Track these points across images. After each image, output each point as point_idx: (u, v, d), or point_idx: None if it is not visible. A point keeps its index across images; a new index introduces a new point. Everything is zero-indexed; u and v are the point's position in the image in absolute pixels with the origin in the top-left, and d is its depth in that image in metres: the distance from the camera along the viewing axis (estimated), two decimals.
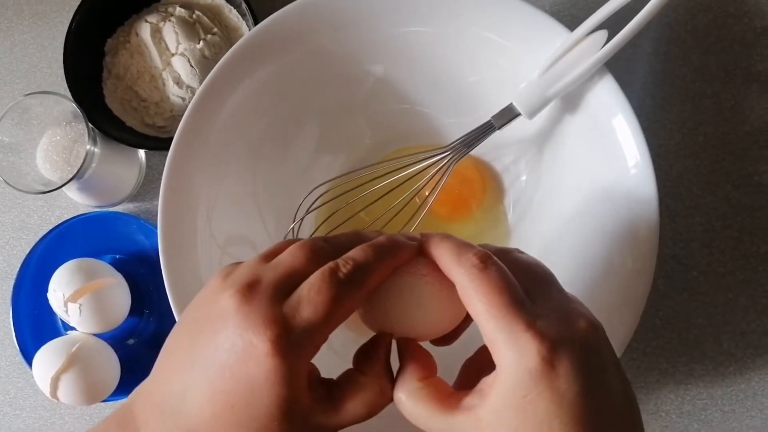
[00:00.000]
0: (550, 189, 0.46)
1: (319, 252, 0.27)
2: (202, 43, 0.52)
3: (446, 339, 0.30)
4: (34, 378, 0.49)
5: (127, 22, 0.54)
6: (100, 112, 0.53)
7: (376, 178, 0.43)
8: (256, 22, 0.50)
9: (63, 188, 0.49)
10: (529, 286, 0.26)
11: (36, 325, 0.53)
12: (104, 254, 0.53)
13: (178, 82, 0.52)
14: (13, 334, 0.53)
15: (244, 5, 0.51)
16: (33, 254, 0.53)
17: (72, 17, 0.52)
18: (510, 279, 0.26)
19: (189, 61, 0.51)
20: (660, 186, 0.39)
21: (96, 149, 0.50)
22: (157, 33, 0.52)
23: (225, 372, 0.25)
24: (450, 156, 0.42)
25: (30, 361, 0.51)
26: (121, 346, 0.52)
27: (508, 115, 0.41)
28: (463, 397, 0.26)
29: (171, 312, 0.41)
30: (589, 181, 0.42)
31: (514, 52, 0.42)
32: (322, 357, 0.27)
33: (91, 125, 0.49)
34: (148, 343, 0.54)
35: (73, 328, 0.51)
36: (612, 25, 0.38)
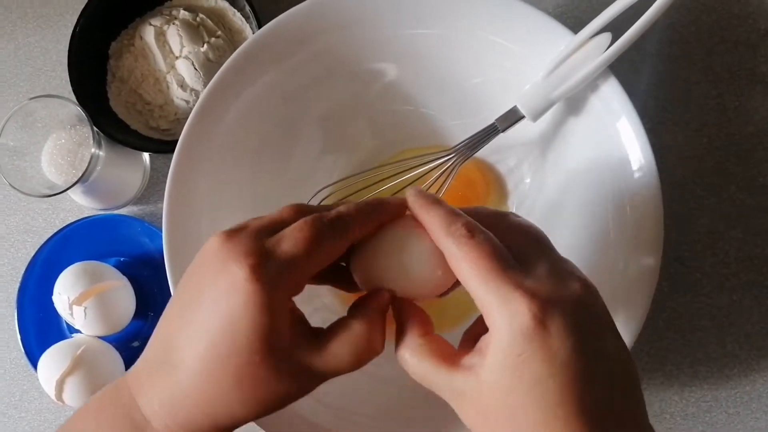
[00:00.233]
0: (554, 191, 0.46)
1: (307, 210, 0.29)
2: (206, 46, 0.52)
3: (441, 295, 0.30)
4: (40, 381, 0.49)
5: (131, 25, 0.54)
6: (104, 115, 0.53)
7: (380, 180, 0.43)
8: (260, 25, 0.50)
9: (68, 191, 0.49)
10: (522, 249, 0.27)
11: (41, 327, 0.53)
12: (109, 257, 0.53)
13: (182, 85, 0.52)
14: (19, 336, 0.53)
15: (247, 8, 0.52)
16: (38, 257, 0.53)
17: (76, 20, 0.52)
18: (497, 244, 0.26)
19: (193, 64, 0.51)
20: (664, 188, 0.39)
21: (101, 152, 0.50)
22: (161, 36, 0.52)
23: (207, 309, 0.26)
24: (454, 158, 0.42)
25: (35, 363, 0.51)
26: (125, 348, 0.53)
27: (512, 117, 0.41)
28: (463, 355, 0.26)
29: None
30: (593, 184, 0.42)
31: (518, 54, 0.42)
32: None
33: (95, 128, 0.49)
34: None
35: (78, 331, 0.51)
36: (615, 27, 0.38)
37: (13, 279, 0.55)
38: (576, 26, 0.40)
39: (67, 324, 0.53)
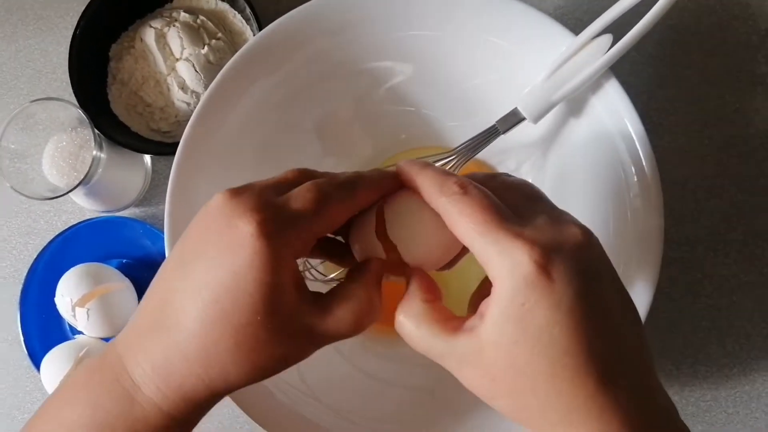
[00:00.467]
0: (554, 192, 0.45)
1: (311, 174, 0.29)
2: (206, 48, 0.52)
3: (448, 264, 0.30)
4: (42, 382, 0.49)
5: (132, 27, 0.54)
6: (105, 117, 0.53)
7: None
8: (260, 27, 0.50)
9: (69, 194, 0.49)
10: (518, 203, 0.26)
11: (44, 329, 0.53)
12: (111, 259, 0.54)
13: (183, 87, 0.52)
14: (21, 338, 0.53)
15: (248, 10, 0.52)
16: (40, 259, 0.53)
17: (77, 23, 0.52)
18: (491, 197, 0.26)
19: (194, 66, 0.51)
20: (664, 189, 0.39)
21: (102, 155, 0.50)
22: (161, 38, 0.52)
23: (209, 266, 0.25)
24: (455, 160, 0.42)
25: (38, 365, 0.51)
26: None
27: (512, 119, 0.41)
28: (464, 321, 0.26)
29: None
30: (594, 185, 0.42)
31: (518, 55, 0.42)
32: (325, 356, 0.26)
33: (96, 131, 0.49)
34: None
35: (80, 333, 0.51)
36: (616, 28, 0.38)
37: (16, 281, 0.55)
38: (576, 27, 0.40)
39: (70, 326, 0.53)
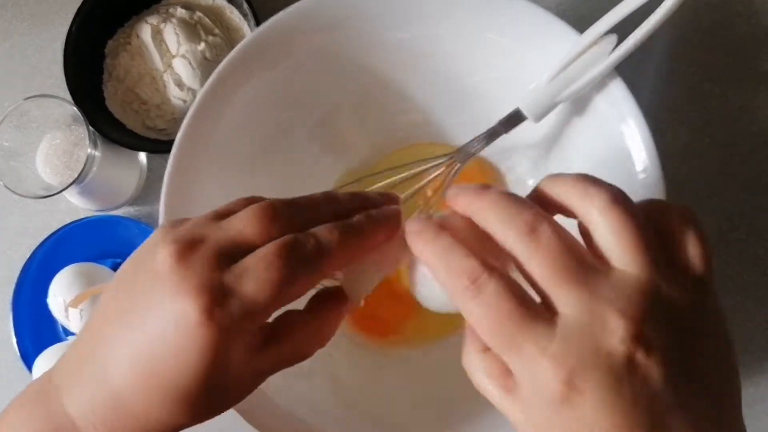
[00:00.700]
0: None
1: (278, 221, 0.24)
2: (203, 44, 0.51)
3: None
4: None
5: (128, 23, 0.54)
6: (100, 114, 0.52)
7: (381, 182, 0.43)
8: (258, 23, 0.50)
9: (63, 192, 0.49)
10: (549, 286, 0.23)
11: (36, 330, 0.53)
12: (105, 258, 0.53)
13: (180, 84, 0.51)
14: (14, 339, 0.52)
15: (245, 6, 0.51)
16: (33, 259, 0.53)
17: (72, 19, 0.51)
18: (511, 295, 0.22)
19: (190, 63, 0.51)
20: (667, 187, 0.38)
21: (97, 153, 0.50)
22: (157, 34, 0.52)
23: (153, 338, 0.23)
24: (456, 159, 0.42)
25: (30, 366, 0.51)
26: None
27: (515, 120, 0.40)
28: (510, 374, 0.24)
29: None
30: None
31: (520, 52, 0.41)
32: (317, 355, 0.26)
33: (91, 128, 0.49)
34: None
35: (73, 334, 0.51)
36: (621, 27, 0.38)
37: (8, 281, 0.55)
38: (579, 24, 0.39)
39: (63, 326, 0.53)
